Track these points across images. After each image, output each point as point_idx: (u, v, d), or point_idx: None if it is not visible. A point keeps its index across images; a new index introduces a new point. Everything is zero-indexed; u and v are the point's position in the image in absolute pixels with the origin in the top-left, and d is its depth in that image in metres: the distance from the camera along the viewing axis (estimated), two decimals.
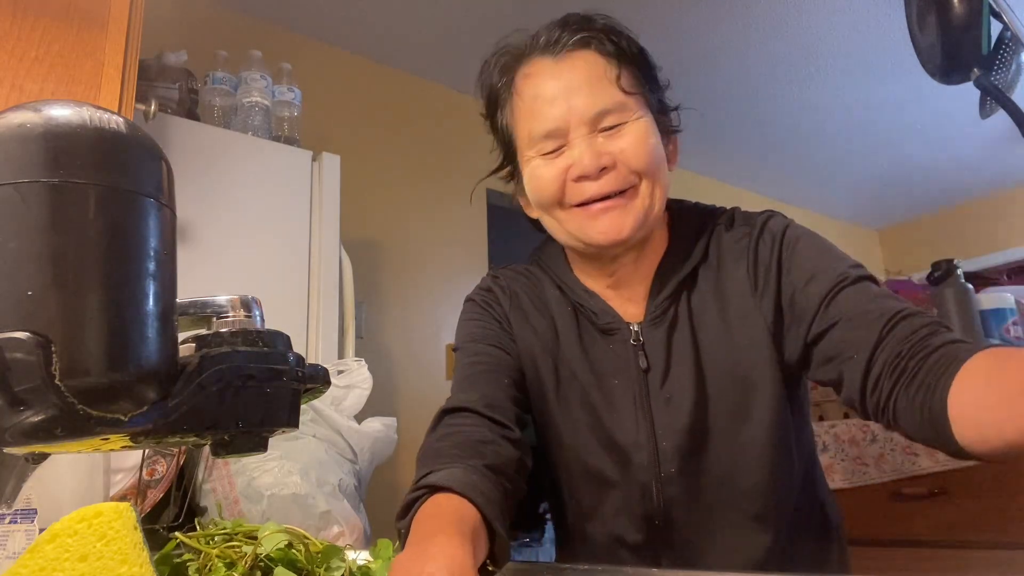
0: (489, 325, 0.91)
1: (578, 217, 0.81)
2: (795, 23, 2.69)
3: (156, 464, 1.14)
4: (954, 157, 3.85)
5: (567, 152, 0.80)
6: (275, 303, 1.26)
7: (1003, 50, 1.05)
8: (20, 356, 0.34)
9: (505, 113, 0.87)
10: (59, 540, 0.44)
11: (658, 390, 0.83)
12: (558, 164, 0.81)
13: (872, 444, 1.69)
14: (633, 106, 0.81)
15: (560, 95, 0.80)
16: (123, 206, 0.38)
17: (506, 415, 0.79)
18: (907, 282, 1.87)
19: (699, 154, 3.64)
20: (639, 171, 0.80)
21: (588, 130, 0.79)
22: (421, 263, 2.68)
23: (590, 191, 0.79)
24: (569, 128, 0.80)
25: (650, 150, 0.80)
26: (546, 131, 0.81)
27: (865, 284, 0.76)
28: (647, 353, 0.84)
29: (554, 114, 0.80)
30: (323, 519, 1.09)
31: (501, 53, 0.88)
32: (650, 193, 0.81)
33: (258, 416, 0.44)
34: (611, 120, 0.80)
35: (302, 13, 2.48)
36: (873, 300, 0.73)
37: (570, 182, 0.80)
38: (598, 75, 0.81)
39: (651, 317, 0.85)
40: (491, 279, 0.97)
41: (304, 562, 0.54)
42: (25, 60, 1.24)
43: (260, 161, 1.75)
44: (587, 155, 0.78)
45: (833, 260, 0.80)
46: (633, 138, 0.79)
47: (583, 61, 0.82)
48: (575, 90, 0.80)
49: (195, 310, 0.46)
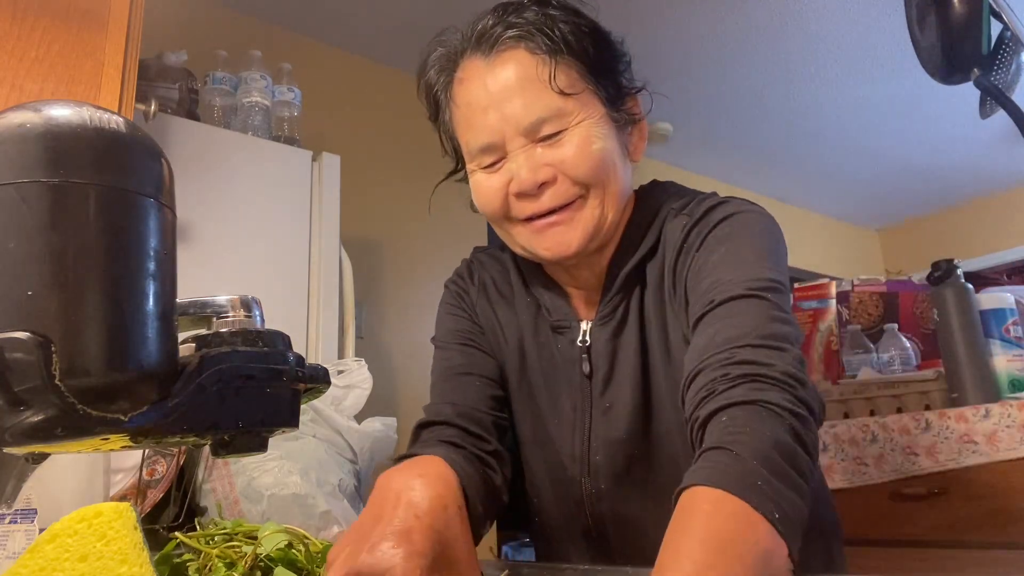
0: (460, 319, 0.88)
1: (525, 232, 0.76)
2: (795, 23, 2.69)
3: (156, 464, 1.14)
4: (954, 157, 3.85)
5: (506, 165, 0.74)
6: (275, 303, 1.26)
7: (1003, 50, 1.05)
8: (20, 356, 0.34)
9: (446, 119, 0.82)
10: (59, 540, 0.44)
11: (599, 397, 0.78)
12: (498, 179, 0.75)
13: (872, 444, 1.69)
14: (572, 109, 0.73)
15: (492, 104, 0.73)
16: (123, 206, 0.38)
17: (482, 425, 0.77)
18: (907, 282, 1.87)
19: (699, 154, 3.64)
20: (583, 182, 0.73)
21: (525, 141, 0.73)
22: (421, 263, 2.68)
23: (531, 208, 0.73)
24: (505, 140, 0.73)
25: (594, 158, 0.72)
26: (481, 145, 0.75)
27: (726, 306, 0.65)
28: (591, 356, 0.79)
29: (488, 125, 0.74)
30: (323, 519, 1.09)
31: (437, 55, 0.82)
32: (599, 203, 0.74)
33: (258, 416, 0.44)
34: (549, 128, 0.72)
35: (302, 13, 2.48)
36: (701, 345, 0.64)
37: (511, 197, 0.74)
38: (531, 77, 0.73)
39: (600, 316, 0.79)
40: (466, 265, 0.93)
41: (304, 562, 0.54)
42: (25, 60, 1.24)
43: (260, 161, 1.75)
44: (524, 170, 0.72)
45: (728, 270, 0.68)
46: (574, 147, 0.72)
47: (514, 62, 0.74)
48: (507, 97, 0.73)
49: (195, 310, 0.46)
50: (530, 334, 0.84)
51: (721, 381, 0.58)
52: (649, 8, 2.50)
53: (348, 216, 1.92)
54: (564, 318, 0.82)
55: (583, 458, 0.79)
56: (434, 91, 0.82)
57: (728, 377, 0.58)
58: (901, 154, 3.80)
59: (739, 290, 0.65)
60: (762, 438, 0.52)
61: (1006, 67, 1.06)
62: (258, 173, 1.73)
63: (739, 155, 3.72)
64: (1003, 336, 1.50)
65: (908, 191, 4.28)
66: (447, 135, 0.83)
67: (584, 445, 0.79)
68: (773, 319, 0.63)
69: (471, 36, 0.78)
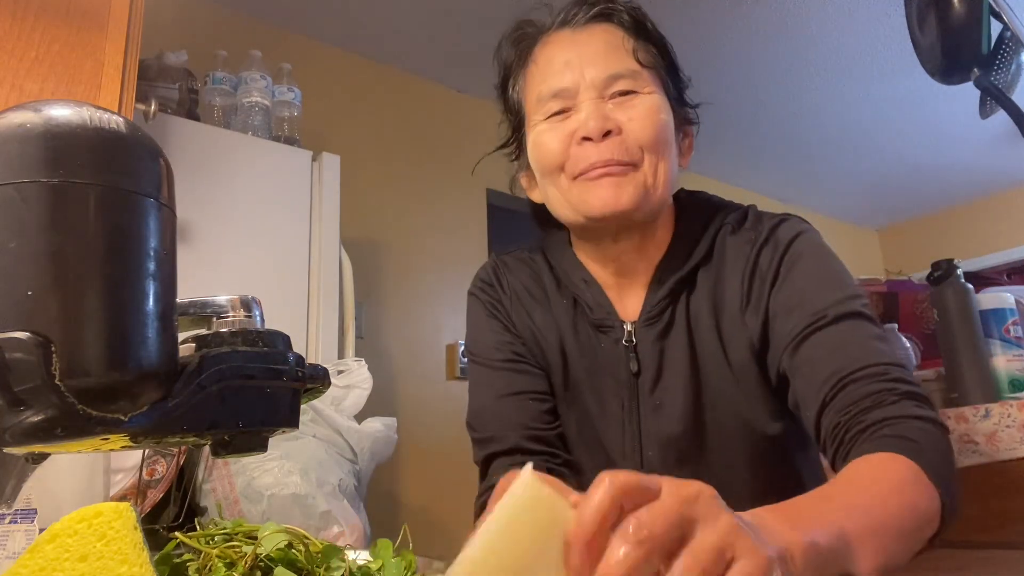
0: (498, 333, 0.88)
1: (579, 185, 0.77)
2: (795, 24, 2.69)
3: (156, 464, 1.14)
4: (954, 157, 3.84)
5: (573, 116, 0.77)
6: (275, 303, 1.26)
7: (1003, 50, 1.05)
8: (20, 356, 0.34)
9: (518, 82, 0.85)
10: (59, 540, 0.44)
11: (648, 396, 0.80)
12: (563, 128, 0.78)
13: None
14: (647, 78, 0.78)
15: (574, 61, 0.78)
16: (123, 206, 0.38)
17: (547, 442, 0.79)
18: (907, 282, 1.87)
19: (699, 154, 3.62)
20: (644, 145, 0.76)
21: (597, 94, 0.77)
22: (421, 263, 2.68)
23: (592, 155, 0.75)
24: (579, 90, 0.77)
25: (659, 125, 0.76)
26: (554, 90, 0.78)
27: (838, 327, 0.71)
28: (639, 355, 0.81)
29: (566, 76, 0.78)
30: (323, 519, 1.09)
31: (520, 24, 0.86)
32: (653, 171, 0.76)
33: (258, 416, 0.44)
34: (622, 85, 0.77)
35: (302, 13, 2.47)
36: (835, 350, 0.69)
37: (574, 146, 0.77)
38: (615, 44, 0.79)
39: (646, 317, 0.81)
40: (492, 271, 0.93)
41: (304, 562, 0.54)
42: (25, 60, 1.24)
43: (260, 161, 1.75)
44: (593, 117, 0.75)
45: (823, 290, 0.74)
46: (643, 110, 0.76)
47: (601, 31, 0.80)
48: (589, 59, 0.78)
49: (195, 310, 0.46)
50: (570, 334, 0.85)
51: (888, 394, 0.65)
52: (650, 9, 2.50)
53: (348, 216, 1.92)
54: (607, 317, 0.83)
55: (634, 455, 0.80)
56: (511, 58, 0.86)
57: (896, 392, 0.65)
58: (901, 154, 3.79)
59: (845, 309, 0.71)
60: (941, 442, 0.62)
61: (1006, 67, 1.06)
62: (258, 173, 1.73)
63: (739, 155, 3.72)
64: (1003, 336, 1.50)
65: (908, 191, 4.28)
66: (514, 98, 0.86)
67: (635, 442, 0.80)
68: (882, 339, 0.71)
69: (558, 16, 0.84)
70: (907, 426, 0.62)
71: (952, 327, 1.51)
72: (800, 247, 0.79)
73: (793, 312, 0.74)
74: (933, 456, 0.59)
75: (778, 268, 0.78)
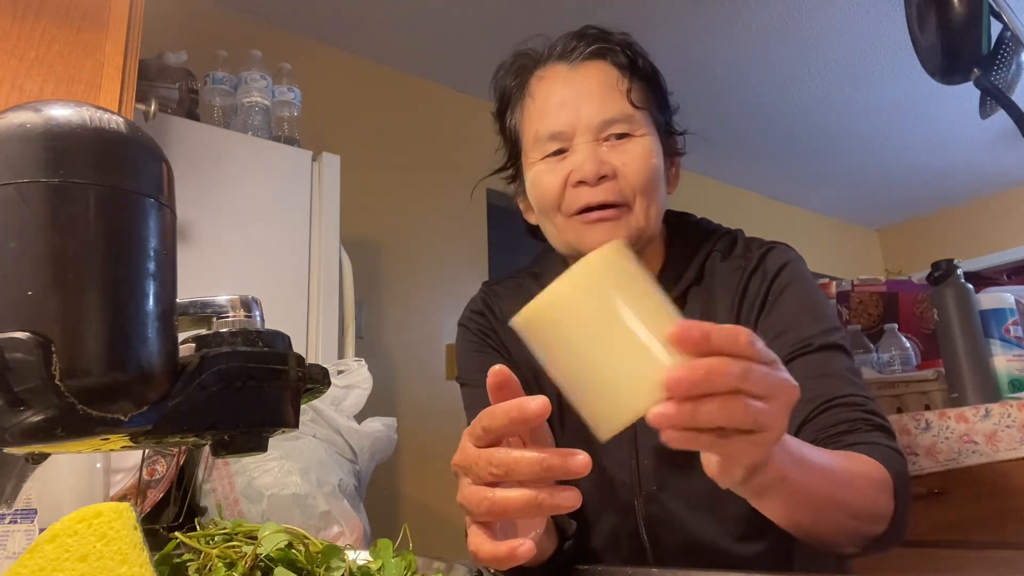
0: (486, 356, 0.90)
1: (574, 225, 0.81)
2: (795, 24, 2.69)
3: (156, 464, 1.14)
4: (954, 157, 3.84)
5: (570, 157, 0.81)
6: (275, 303, 1.26)
7: (1003, 50, 1.06)
8: (20, 356, 0.34)
9: (515, 113, 0.88)
10: (59, 540, 0.44)
11: None
12: (560, 169, 0.81)
13: None
14: (640, 121, 0.81)
15: (570, 100, 0.81)
16: (123, 206, 0.38)
17: None
18: (907, 282, 1.87)
19: (699, 155, 3.63)
20: (637, 188, 0.80)
21: (592, 137, 0.80)
22: (421, 263, 2.68)
23: (586, 197, 0.79)
24: (575, 132, 0.80)
25: (651, 169, 0.80)
26: (552, 132, 0.81)
27: (820, 355, 0.77)
28: None
29: (562, 117, 0.81)
30: (323, 519, 1.09)
31: (518, 56, 0.89)
32: (644, 213, 0.81)
33: (258, 416, 0.44)
34: (617, 129, 0.80)
35: (302, 13, 2.48)
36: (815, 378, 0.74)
37: (570, 188, 0.80)
38: (610, 85, 0.81)
39: None
40: (482, 301, 0.95)
41: (304, 562, 0.54)
42: (25, 60, 1.24)
43: (260, 161, 1.75)
44: (589, 161, 0.79)
45: (808, 319, 0.80)
46: (636, 154, 0.80)
47: (597, 70, 0.83)
48: (585, 98, 0.81)
49: (195, 310, 0.46)
50: None
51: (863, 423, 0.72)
52: (650, 10, 2.50)
53: (348, 216, 1.92)
54: None
55: (630, 463, 0.83)
56: (509, 88, 0.89)
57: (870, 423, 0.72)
58: (901, 154, 3.79)
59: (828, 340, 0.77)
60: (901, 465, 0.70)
61: (1006, 67, 1.06)
62: (258, 173, 1.73)
63: (739, 155, 3.72)
64: (1003, 336, 1.50)
65: (908, 191, 4.28)
66: (511, 128, 0.89)
67: (632, 451, 0.83)
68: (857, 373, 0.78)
69: (553, 50, 0.86)
70: (879, 452, 0.68)
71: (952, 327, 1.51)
72: (787, 277, 0.83)
73: (779, 337, 0.78)
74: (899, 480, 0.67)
75: (766, 296, 0.83)
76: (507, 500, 0.50)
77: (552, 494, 0.49)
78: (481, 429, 0.51)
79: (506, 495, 0.50)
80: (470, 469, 0.52)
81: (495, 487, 0.51)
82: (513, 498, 0.50)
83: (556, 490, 0.50)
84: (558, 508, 0.50)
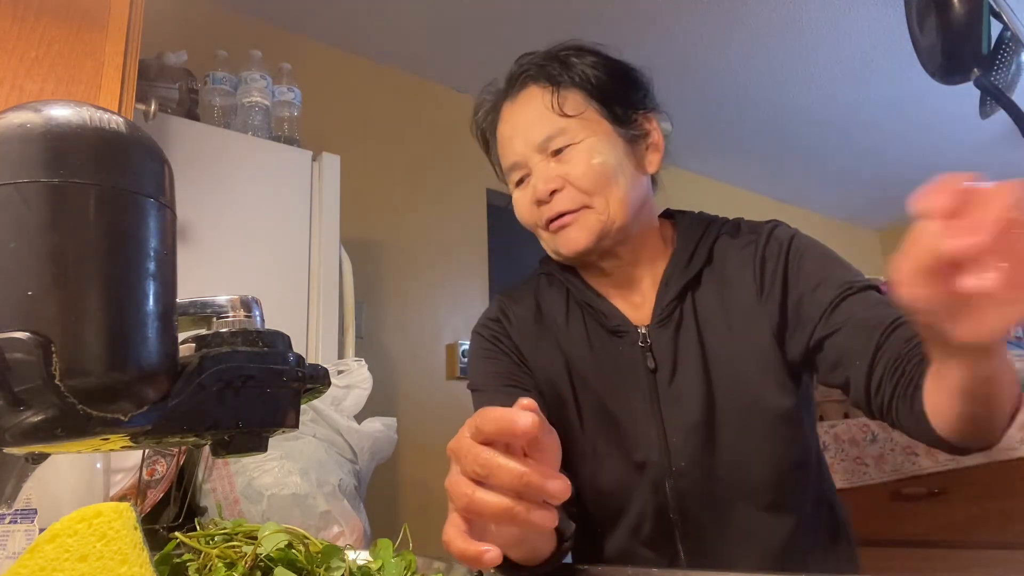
0: (500, 361, 0.94)
1: (549, 235, 0.90)
2: (795, 24, 2.69)
3: (156, 464, 1.14)
4: (954, 157, 3.84)
5: (531, 180, 0.89)
6: (275, 303, 1.26)
7: (1003, 50, 1.06)
8: (20, 356, 0.34)
9: (493, 153, 0.98)
10: (59, 540, 0.44)
11: (666, 388, 0.87)
12: (527, 193, 0.90)
13: (872, 444, 1.69)
14: (574, 128, 0.87)
15: (517, 133, 0.90)
16: (123, 206, 0.38)
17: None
18: None
19: (699, 155, 3.64)
20: (586, 189, 0.86)
21: (541, 156, 0.88)
22: (421, 263, 2.68)
23: (547, 212, 0.88)
24: (526, 158, 0.89)
25: (595, 170, 0.85)
26: (509, 164, 0.92)
27: (868, 293, 0.80)
28: (654, 354, 0.88)
29: (515, 149, 0.90)
30: (323, 519, 1.10)
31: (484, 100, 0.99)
32: (605, 205, 0.86)
33: (258, 416, 0.44)
34: (556, 144, 0.87)
35: (302, 13, 2.47)
36: (873, 308, 0.78)
37: (534, 207, 0.89)
38: (543, 106, 0.88)
39: (658, 319, 0.89)
40: (497, 308, 1.00)
41: (304, 562, 0.54)
42: (25, 60, 1.24)
43: (260, 161, 1.75)
44: (539, 181, 0.87)
45: (839, 269, 0.85)
46: (577, 161, 0.86)
47: (529, 96, 0.90)
48: (523, 127, 0.90)
49: (195, 310, 0.46)
50: (584, 346, 0.92)
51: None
52: (650, 11, 2.50)
53: (348, 216, 1.91)
54: (622, 323, 0.91)
55: (660, 442, 0.86)
56: (484, 134, 1.00)
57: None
58: (901, 154, 3.79)
59: (866, 283, 0.82)
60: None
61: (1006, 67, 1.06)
62: (258, 173, 1.73)
63: (739, 155, 3.72)
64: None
65: (909, 191, 4.24)
66: (495, 164, 0.99)
67: (660, 431, 0.86)
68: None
69: (504, 83, 0.96)
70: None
71: None
72: (801, 241, 0.89)
73: (819, 287, 0.83)
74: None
75: (787, 259, 0.87)
76: (484, 503, 0.51)
77: (529, 509, 0.50)
78: (475, 427, 0.52)
79: (485, 498, 0.51)
80: (460, 459, 0.53)
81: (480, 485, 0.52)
82: (491, 503, 0.51)
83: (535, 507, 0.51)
84: (531, 525, 0.51)
